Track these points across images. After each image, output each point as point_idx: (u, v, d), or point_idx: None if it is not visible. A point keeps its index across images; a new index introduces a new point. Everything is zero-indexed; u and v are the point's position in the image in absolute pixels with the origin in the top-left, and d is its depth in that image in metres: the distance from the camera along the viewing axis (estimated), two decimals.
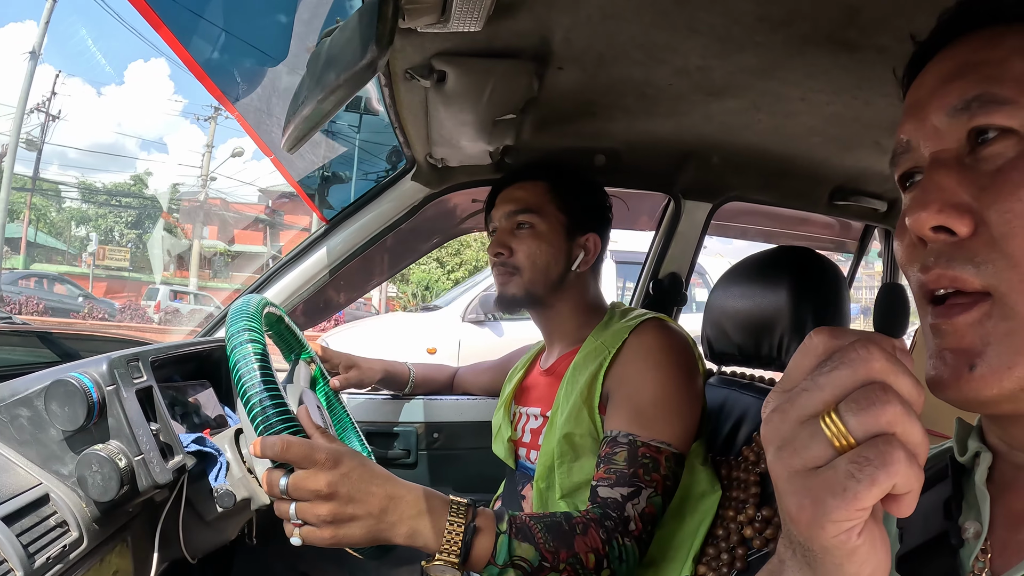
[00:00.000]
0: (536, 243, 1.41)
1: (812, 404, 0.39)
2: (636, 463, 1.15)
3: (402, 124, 1.42)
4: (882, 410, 0.37)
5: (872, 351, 0.38)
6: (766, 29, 1.04)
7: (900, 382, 0.38)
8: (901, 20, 0.97)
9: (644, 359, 1.27)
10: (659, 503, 1.14)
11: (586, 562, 1.03)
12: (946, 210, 0.50)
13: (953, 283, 0.50)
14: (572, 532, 1.04)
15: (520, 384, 1.55)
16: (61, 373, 0.97)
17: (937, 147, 0.54)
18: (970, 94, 0.51)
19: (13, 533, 0.82)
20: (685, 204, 1.90)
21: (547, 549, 1.01)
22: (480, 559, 0.98)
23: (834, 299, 1.33)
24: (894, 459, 0.36)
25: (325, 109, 0.84)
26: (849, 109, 1.31)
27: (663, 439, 1.18)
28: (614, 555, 1.05)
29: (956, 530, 0.56)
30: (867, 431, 0.37)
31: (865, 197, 1.91)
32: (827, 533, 0.38)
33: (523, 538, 1.00)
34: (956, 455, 0.61)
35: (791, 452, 0.39)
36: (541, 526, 1.03)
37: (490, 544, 0.98)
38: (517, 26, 1.06)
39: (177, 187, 28.18)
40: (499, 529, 1.00)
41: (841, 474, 0.37)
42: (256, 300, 1.16)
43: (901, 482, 0.36)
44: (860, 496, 0.36)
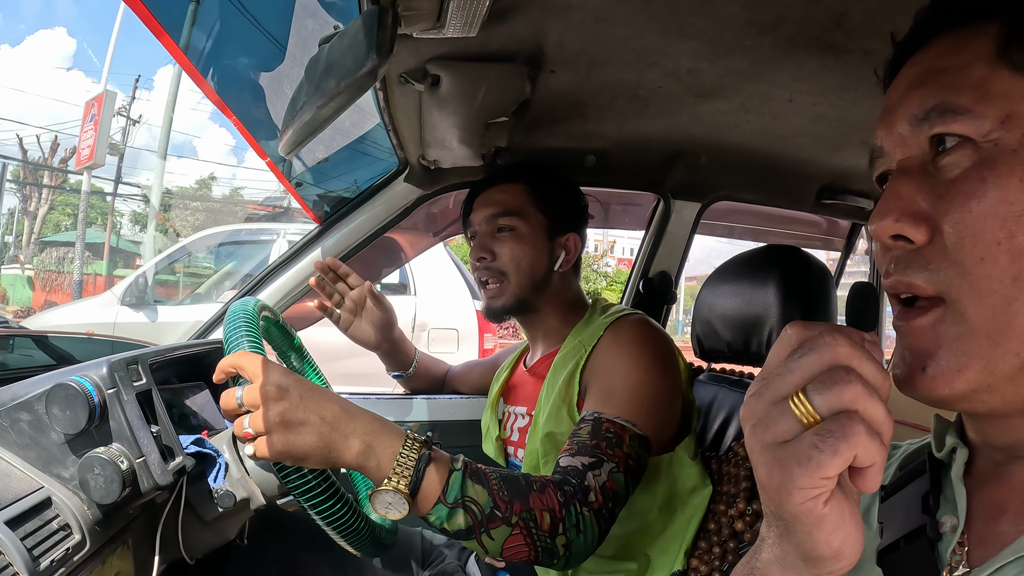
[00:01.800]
0: (519, 246, 1.42)
1: (784, 386, 0.43)
2: (599, 436, 1.14)
3: (395, 126, 1.43)
4: (844, 388, 0.40)
5: (837, 338, 0.42)
6: (754, 33, 1.06)
7: (864, 366, 0.41)
8: (886, 23, 0.97)
9: (617, 350, 1.28)
10: (621, 481, 1.10)
11: (540, 521, 0.98)
12: (903, 219, 0.52)
13: (909, 289, 0.53)
14: (529, 488, 1.00)
15: (506, 383, 1.56)
16: (62, 377, 0.97)
17: (903, 155, 0.55)
18: (929, 103, 0.52)
19: (17, 537, 0.83)
20: (674, 204, 1.92)
21: (500, 497, 0.96)
22: (430, 494, 0.93)
23: (821, 297, 1.36)
24: (854, 432, 0.39)
25: (324, 116, 0.84)
26: (836, 110, 1.34)
27: (628, 418, 1.17)
28: (571, 521, 1.01)
29: (934, 524, 0.57)
30: (831, 408, 0.40)
31: (852, 196, 1.93)
32: (794, 499, 0.41)
33: (477, 480, 0.96)
34: (934, 450, 0.62)
35: (763, 428, 0.43)
36: (497, 476, 0.99)
37: (442, 479, 0.93)
38: (511, 30, 1.07)
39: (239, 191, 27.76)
40: (453, 467, 0.96)
41: (806, 445, 0.40)
42: (252, 302, 1.17)
43: (862, 454, 0.40)
44: (823, 464, 0.40)
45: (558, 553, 1.00)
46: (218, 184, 30.28)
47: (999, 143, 0.49)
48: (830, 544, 0.43)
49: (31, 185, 22.63)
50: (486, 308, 1.47)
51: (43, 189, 22.78)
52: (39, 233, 22.47)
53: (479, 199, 1.48)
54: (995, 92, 0.50)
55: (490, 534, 0.96)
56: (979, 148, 0.50)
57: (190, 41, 1.11)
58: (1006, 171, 0.49)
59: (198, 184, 29.53)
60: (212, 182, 29.38)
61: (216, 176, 31.25)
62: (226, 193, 28.60)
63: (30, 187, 22.55)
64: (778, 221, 2.31)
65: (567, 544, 1.00)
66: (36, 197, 22.60)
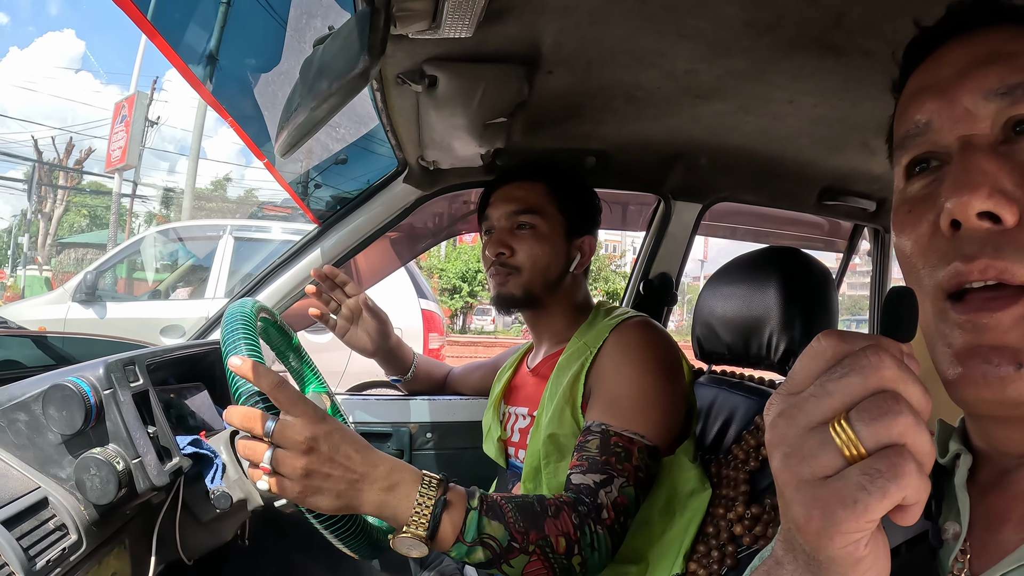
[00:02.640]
0: (537, 244, 1.41)
1: (821, 411, 0.38)
2: (608, 451, 1.15)
3: (394, 127, 1.43)
4: (894, 421, 0.36)
5: (883, 358, 0.37)
6: (753, 33, 1.05)
7: (910, 391, 0.37)
8: (886, 24, 0.98)
9: (622, 355, 1.28)
10: (631, 495, 1.13)
11: (556, 546, 1.01)
12: (995, 195, 0.47)
13: (1001, 275, 0.47)
14: (543, 514, 1.03)
15: (508, 384, 1.56)
16: (58, 377, 0.97)
17: (969, 130, 0.51)
18: (1013, 80, 0.49)
19: (13, 537, 0.83)
20: (675, 205, 1.92)
21: (517, 529, 0.99)
22: (448, 535, 0.96)
23: (822, 298, 1.35)
24: (906, 471, 0.35)
25: (317, 117, 0.84)
26: (836, 111, 1.33)
27: (636, 430, 1.18)
28: (586, 541, 1.04)
29: (936, 531, 0.56)
30: (879, 441, 0.36)
31: (854, 197, 1.93)
32: (835, 544, 0.37)
33: (493, 516, 0.99)
34: (937, 456, 0.62)
35: (799, 460, 0.38)
36: (512, 506, 1.02)
37: (459, 520, 0.97)
38: (507, 31, 1.07)
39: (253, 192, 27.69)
40: (469, 505, 0.98)
41: (852, 485, 0.36)
42: (250, 303, 1.17)
43: (911, 494, 0.36)
44: (871, 508, 0.35)
45: (575, 571, 1.03)
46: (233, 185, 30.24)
47: None
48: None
49: (46, 186, 22.68)
50: (495, 296, 1.46)
51: (58, 190, 22.83)
52: (55, 234, 22.53)
53: (498, 194, 1.48)
54: None
55: (509, 563, 0.99)
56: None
57: (185, 43, 1.11)
58: None
59: (213, 185, 29.57)
60: (227, 183, 29.39)
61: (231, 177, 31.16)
62: (240, 194, 28.59)
63: (45, 188, 22.61)
64: (780, 222, 2.30)
65: (583, 562, 1.04)
66: (51, 198, 22.66)
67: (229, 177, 30.27)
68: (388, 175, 1.75)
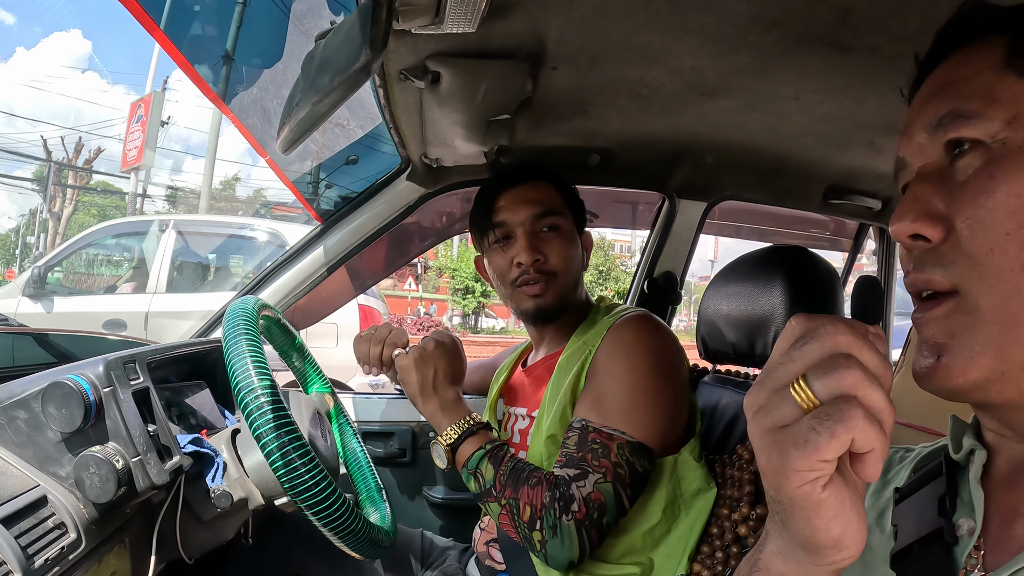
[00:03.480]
0: (566, 245, 1.39)
1: (785, 374, 0.43)
2: (585, 447, 1.16)
3: (397, 124, 1.42)
4: (843, 374, 0.41)
5: (839, 327, 0.42)
6: (759, 29, 1.04)
7: (864, 355, 0.42)
8: (893, 20, 0.97)
9: (615, 352, 1.27)
10: (609, 491, 1.13)
11: (521, 511, 1.14)
12: (920, 219, 0.54)
13: (927, 285, 0.54)
14: (526, 481, 1.16)
15: (506, 384, 1.55)
16: (58, 375, 0.97)
17: (921, 162, 0.57)
18: (943, 111, 0.55)
19: (12, 535, 0.82)
20: (679, 203, 1.91)
21: (500, 480, 1.18)
22: (461, 458, 1.25)
23: (828, 298, 1.34)
24: (852, 415, 0.40)
25: (319, 112, 0.84)
26: (842, 108, 1.32)
27: (617, 427, 1.17)
28: (547, 523, 1.12)
29: (950, 527, 0.57)
30: (830, 392, 0.41)
31: (859, 195, 1.91)
32: (791, 482, 0.42)
33: (492, 461, 1.21)
34: (951, 452, 0.62)
35: (764, 414, 0.44)
36: (511, 464, 1.20)
37: (471, 451, 1.24)
38: (511, 27, 1.06)
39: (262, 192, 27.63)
40: (484, 445, 1.24)
41: (804, 428, 0.41)
42: (252, 301, 1.16)
43: (859, 438, 0.40)
44: (820, 447, 0.40)
45: (535, 547, 1.14)
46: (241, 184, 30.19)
47: (1007, 142, 0.52)
48: (829, 532, 0.43)
49: (56, 185, 22.72)
50: (534, 309, 1.39)
51: (67, 189, 22.85)
52: (64, 234, 22.54)
53: (509, 196, 1.40)
54: (1002, 96, 0.52)
55: (488, 505, 1.21)
56: (989, 149, 0.52)
57: (189, 42, 1.10)
58: (1013, 167, 0.51)
59: (223, 185, 29.55)
60: (236, 183, 29.38)
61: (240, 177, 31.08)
62: (249, 194, 28.57)
63: (55, 187, 22.64)
64: (785, 221, 2.30)
65: (542, 542, 1.13)
66: (61, 198, 22.68)
67: (238, 177, 30.17)
68: (391, 173, 1.74)
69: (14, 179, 23.06)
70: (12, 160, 22.82)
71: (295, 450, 0.94)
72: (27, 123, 41.90)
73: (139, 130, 16.18)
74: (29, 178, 23.66)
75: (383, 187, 1.75)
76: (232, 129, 20.10)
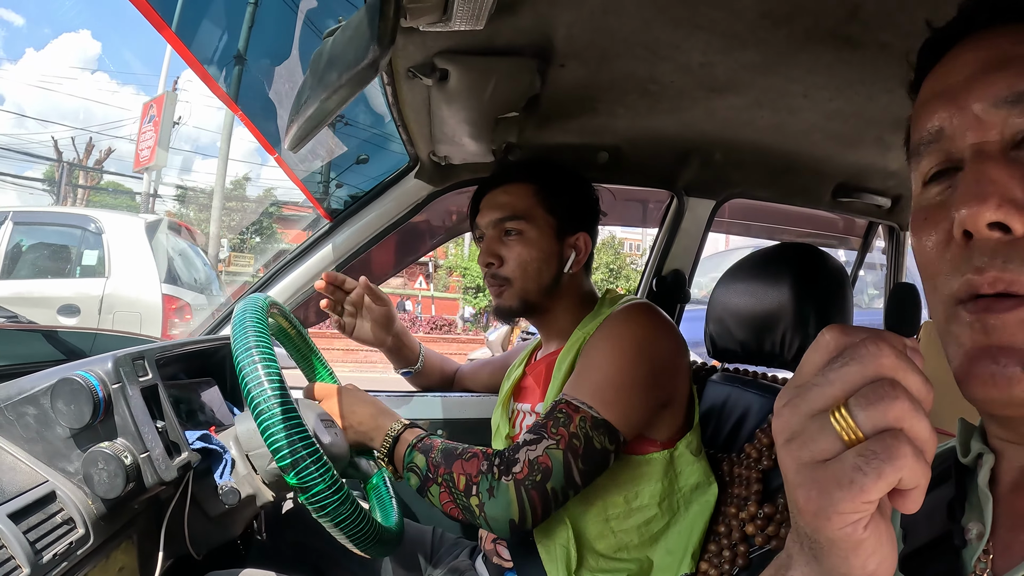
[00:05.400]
0: (526, 250, 1.38)
1: (822, 398, 0.39)
2: (551, 416, 1.17)
3: (405, 122, 1.42)
4: (890, 405, 0.37)
5: (882, 348, 0.38)
6: (768, 25, 1.04)
7: (909, 379, 0.38)
8: (902, 15, 0.97)
9: (605, 333, 1.27)
10: (559, 458, 1.13)
11: (456, 482, 1.16)
12: (1005, 205, 0.47)
13: (1010, 287, 0.48)
14: (460, 456, 1.18)
15: (518, 382, 1.55)
16: (67, 371, 0.97)
17: (980, 137, 0.51)
18: (1021, 86, 0.49)
19: (20, 530, 0.83)
20: (688, 201, 1.91)
21: (433, 463, 1.19)
22: (398, 463, 1.24)
23: (837, 295, 1.34)
24: (901, 453, 0.36)
25: (328, 108, 0.84)
26: (851, 105, 1.31)
27: (585, 400, 1.17)
28: (483, 486, 1.14)
29: (959, 531, 0.56)
30: (875, 426, 0.37)
31: (868, 193, 1.90)
32: (833, 525, 0.38)
33: (421, 451, 1.21)
34: (959, 456, 0.61)
35: (800, 444, 0.40)
36: (442, 447, 1.21)
37: (403, 450, 1.23)
38: (519, 23, 1.06)
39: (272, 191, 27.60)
40: (412, 442, 1.22)
41: (848, 467, 0.37)
42: (262, 298, 1.16)
43: (907, 476, 0.37)
44: (866, 488, 0.37)
45: (475, 515, 1.15)
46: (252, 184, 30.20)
47: None
48: (865, 568, 0.40)
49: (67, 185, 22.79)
50: (494, 308, 1.46)
51: (78, 190, 22.94)
52: None
53: (485, 200, 1.45)
54: None
55: (430, 492, 1.19)
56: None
57: (198, 42, 1.11)
58: None
59: (233, 184, 29.59)
60: (246, 183, 29.41)
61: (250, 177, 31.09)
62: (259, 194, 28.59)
63: (66, 187, 22.72)
64: (794, 219, 2.29)
65: (480, 505, 1.14)
66: (72, 198, 22.76)
67: (248, 176, 30.17)
68: (399, 171, 1.74)
69: (24, 179, 23.18)
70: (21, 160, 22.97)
71: (304, 448, 0.94)
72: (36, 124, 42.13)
73: (151, 130, 16.21)
74: (39, 178, 23.75)
75: (391, 185, 1.75)
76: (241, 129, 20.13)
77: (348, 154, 1.82)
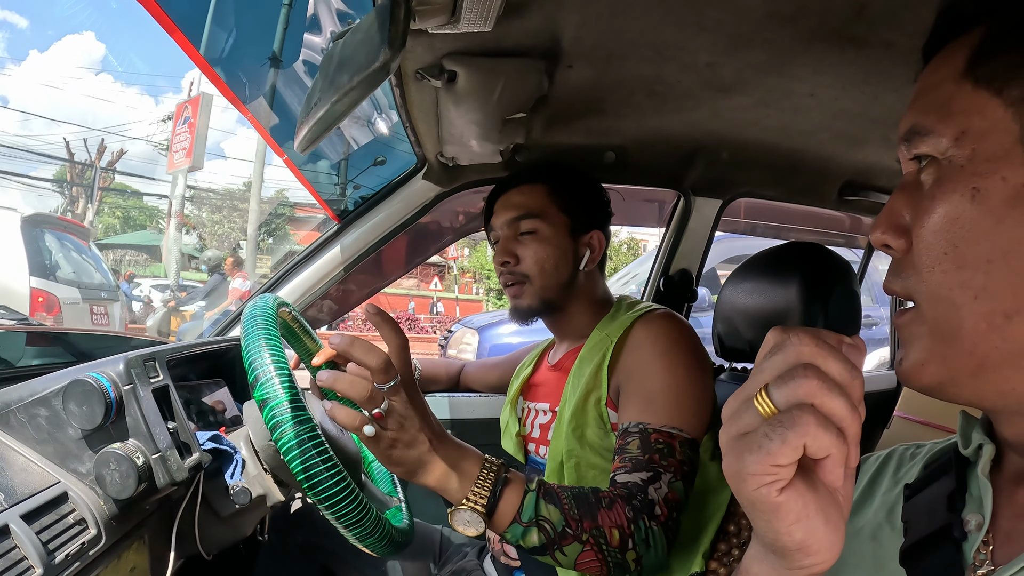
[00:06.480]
0: (542, 248, 1.40)
1: (753, 384, 0.45)
2: (651, 449, 1.13)
3: (412, 123, 1.43)
4: (800, 383, 0.42)
5: (803, 339, 0.43)
6: (774, 25, 1.04)
7: (829, 364, 0.42)
8: (908, 14, 0.96)
9: (651, 348, 1.27)
10: (680, 489, 1.12)
11: (610, 537, 1.01)
12: (887, 232, 0.56)
13: (890, 292, 0.58)
14: (598, 504, 1.02)
15: (528, 380, 1.55)
16: (79, 373, 0.98)
17: (905, 171, 0.58)
18: (907, 126, 0.56)
19: (33, 531, 0.84)
20: (695, 200, 1.91)
21: (571, 516, 0.99)
22: (507, 513, 0.97)
23: (844, 294, 1.33)
24: (803, 422, 0.41)
25: (338, 111, 0.84)
26: (857, 104, 1.31)
27: (675, 425, 1.16)
28: (640, 536, 1.02)
29: (959, 522, 0.57)
30: (787, 401, 0.42)
31: (875, 192, 1.90)
32: (748, 486, 0.43)
33: (550, 500, 0.99)
34: (960, 448, 0.62)
35: (731, 422, 0.45)
36: (568, 494, 1.02)
37: (517, 500, 0.97)
38: (527, 25, 1.06)
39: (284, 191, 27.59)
40: (528, 487, 0.99)
41: (759, 435, 0.42)
42: (271, 299, 1.17)
43: (811, 444, 0.41)
44: (772, 452, 0.41)
45: (630, 568, 1.02)
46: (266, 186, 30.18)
47: (952, 160, 0.52)
48: (791, 535, 0.44)
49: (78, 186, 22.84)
50: (512, 309, 1.46)
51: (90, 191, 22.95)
52: None
53: (499, 202, 1.46)
54: (956, 109, 0.52)
55: (563, 551, 0.99)
56: (940, 165, 0.53)
57: (205, 38, 1.11)
58: (951, 187, 0.52)
59: (245, 186, 29.56)
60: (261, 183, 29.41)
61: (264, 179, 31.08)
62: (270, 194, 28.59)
63: (77, 188, 22.76)
64: (800, 218, 2.29)
65: (637, 559, 1.02)
66: (83, 199, 22.78)
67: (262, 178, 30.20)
68: (407, 172, 1.75)
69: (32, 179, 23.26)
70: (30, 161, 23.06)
71: (310, 439, 0.94)
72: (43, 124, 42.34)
73: (186, 131, 16.14)
74: (49, 179, 23.83)
75: (399, 186, 1.76)
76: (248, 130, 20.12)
77: (363, 156, 1.83)
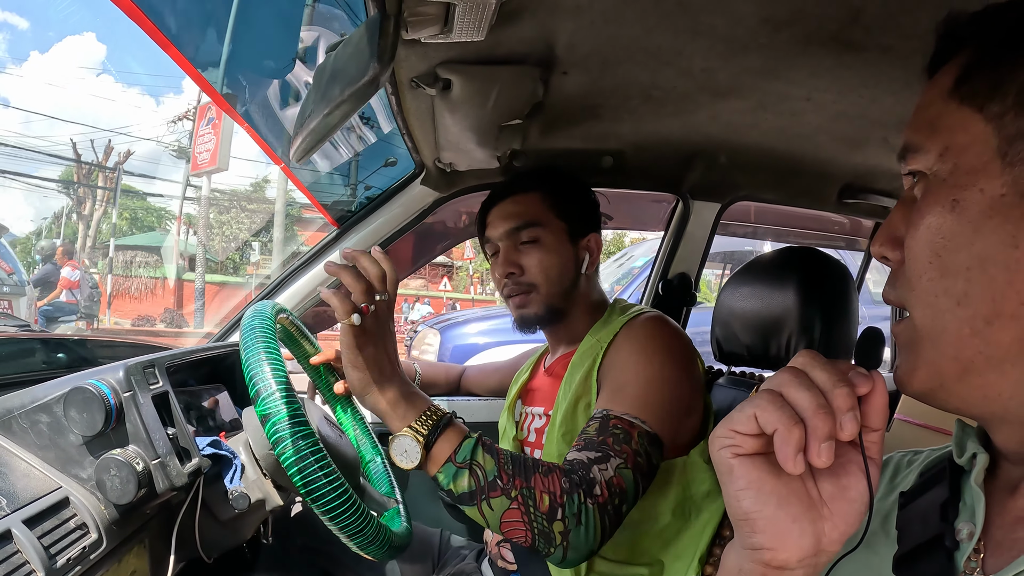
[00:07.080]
0: (546, 256, 1.40)
1: None
2: (606, 432, 1.11)
3: (410, 130, 1.43)
4: (777, 376, 0.50)
5: (804, 355, 0.51)
6: (769, 30, 1.04)
7: (815, 372, 0.50)
8: (905, 18, 0.97)
9: (631, 347, 1.27)
10: (629, 478, 1.07)
11: (539, 501, 0.99)
12: (884, 244, 0.59)
13: (887, 301, 0.61)
14: (535, 468, 1.02)
15: (525, 385, 1.55)
16: (79, 380, 0.99)
17: (907, 186, 0.60)
18: (903, 143, 0.58)
19: (35, 535, 0.85)
20: (693, 204, 1.91)
21: (505, 470, 1.01)
22: (443, 451, 1.00)
23: (841, 298, 1.34)
24: (762, 398, 0.49)
25: (331, 123, 0.85)
26: (855, 107, 1.31)
27: (636, 415, 1.14)
28: (571, 510, 0.99)
29: (951, 532, 0.57)
30: (764, 389, 0.50)
31: (875, 195, 1.90)
32: (713, 447, 0.52)
33: (488, 451, 1.02)
34: (955, 457, 0.62)
35: None
36: (507, 454, 1.04)
37: (456, 441, 1.01)
38: (520, 33, 1.07)
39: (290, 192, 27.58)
40: (469, 434, 1.03)
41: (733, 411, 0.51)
42: (270, 305, 1.17)
43: (760, 416, 0.48)
44: (732, 418, 0.51)
45: (555, 540, 1.00)
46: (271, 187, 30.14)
47: (936, 174, 0.54)
48: (739, 501, 0.50)
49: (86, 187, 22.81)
50: (518, 319, 1.45)
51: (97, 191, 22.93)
52: (95, 237, 22.60)
53: (494, 212, 1.46)
54: (942, 126, 0.54)
55: (490, 503, 1.00)
56: (927, 180, 0.55)
57: (201, 53, 1.12)
58: (934, 199, 0.54)
59: (252, 187, 29.58)
60: (266, 184, 29.35)
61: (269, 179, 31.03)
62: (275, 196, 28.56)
63: (84, 189, 22.75)
64: (800, 221, 2.29)
65: (564, 532, 0.99)
66: (91, 200, 22.76)
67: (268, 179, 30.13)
68: (405, 177, 1.76)
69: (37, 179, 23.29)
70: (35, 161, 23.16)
71: (311, 454, 0.95)
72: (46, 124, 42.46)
73: (210, 132, 16.12)
74: (54, 179, 23.87)
75: (398, 191, 1.76)
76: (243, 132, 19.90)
77: (363, 161, 1.84)
